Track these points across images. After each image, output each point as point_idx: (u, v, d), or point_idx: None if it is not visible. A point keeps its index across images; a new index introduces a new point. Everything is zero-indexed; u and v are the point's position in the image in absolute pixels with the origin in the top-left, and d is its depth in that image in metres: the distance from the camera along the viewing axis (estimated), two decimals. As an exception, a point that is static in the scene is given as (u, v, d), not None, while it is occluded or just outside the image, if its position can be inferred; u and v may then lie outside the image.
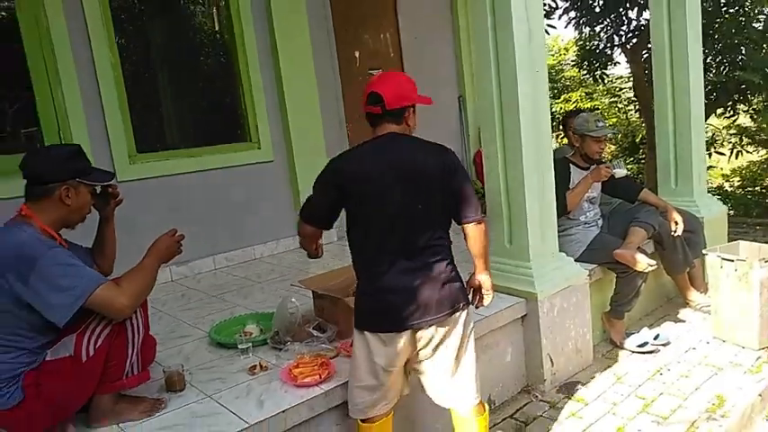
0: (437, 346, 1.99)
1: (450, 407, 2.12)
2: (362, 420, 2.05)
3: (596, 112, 4.31)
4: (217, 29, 4.43)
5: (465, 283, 2.09)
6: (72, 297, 1.77)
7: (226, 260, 4.13)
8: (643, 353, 3.22)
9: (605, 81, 9.17)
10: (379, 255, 1.94)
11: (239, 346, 2.48)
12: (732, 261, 3.15)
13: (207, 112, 4.38)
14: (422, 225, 1.94)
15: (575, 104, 11.86)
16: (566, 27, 7.69)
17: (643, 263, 3.10)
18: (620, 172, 3.36)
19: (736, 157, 7.96)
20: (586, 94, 11.93)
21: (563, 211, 3.28)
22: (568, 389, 2.91)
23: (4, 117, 3.51)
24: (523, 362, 2.97)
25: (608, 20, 7.65)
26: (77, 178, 1.95)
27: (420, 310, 1.91)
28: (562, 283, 2.98)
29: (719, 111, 7.85)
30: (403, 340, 1.94)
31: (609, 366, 3.12)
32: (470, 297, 2.13)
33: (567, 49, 12.35)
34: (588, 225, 3.45)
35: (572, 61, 9.56)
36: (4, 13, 3.65)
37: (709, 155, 8.54)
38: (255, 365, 2.34)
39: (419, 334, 1.95)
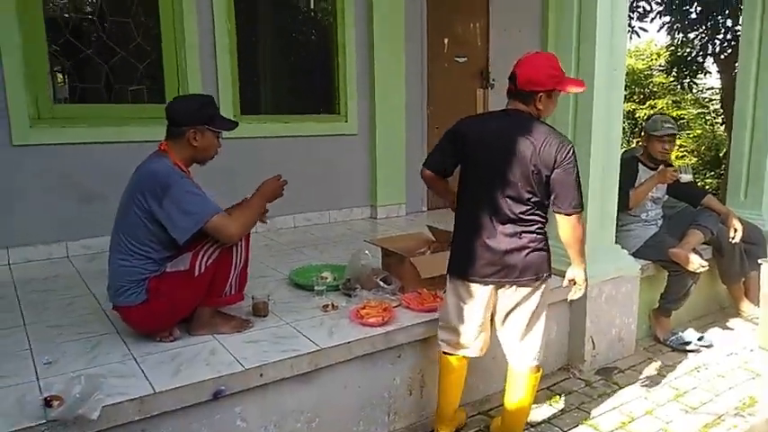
0: (514, 308, 2.26)
1: (511, 363, 2.40)
2: (444, 352, 2.40)
3: (665, 114, 4.39)
4: (320, 8, 4.81)
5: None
6: (194, 220, 2.19)
7: (305, 220, 4.56)
8: (685, 351, 3.37)
9: (693, 90, 9.00)
10: (476, 213, 2.21)
11: (315, 288, 2.85)
12: (786, 273, 3.24)
13: (302, 84, 4.79)
14: (517, 197, 2.15)
15: (659, 111, 11.63)
16: (658, 31, 7.66)
17: (695, 263, 3.24)
18: (686, 177, 3.48)
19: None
20: (673, 101, 11.65)
21: (625, 207, 3.45)
22: (606, 372, 3.13)
23: (135, 71, 4.02)
24: (567, 341, 3.20)
25: (703, 27, 7.52)
26: (205, 124, 2.36)
27: (505, 270, 2.18)
28: (613, 273, 3.18)
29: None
30: (485, 294, 2.24)
31: (649, 358, 3.30)
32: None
33: (659, 55, 12.06)
34: (648, 223, 3.60)
35: (661, 67, 9.36)
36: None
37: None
38: (328, 304, 2.71)
39: (501, 291, 2.24)
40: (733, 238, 3.52)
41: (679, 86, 8.90)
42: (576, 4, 3.08)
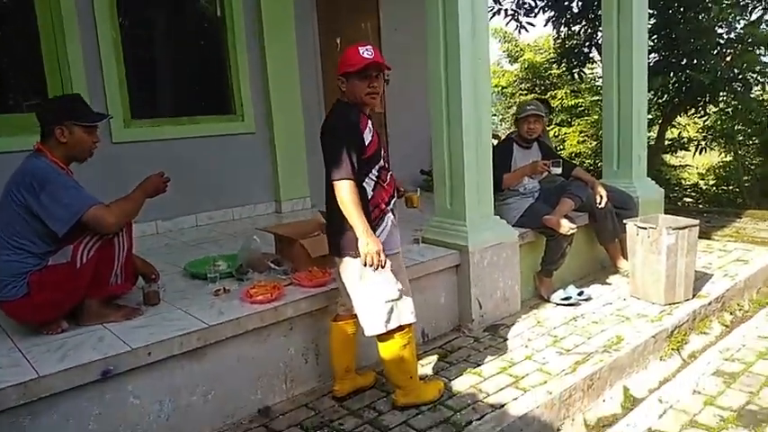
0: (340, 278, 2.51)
1: None
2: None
3: (531, 100, 4.79)
4: (209, 10, 4.88)
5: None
6: (71, 212, 2.25)
7: (207, 218, 4.61)
8: (566, 305, 3.69)
9: (583, 79, 9.62)
10: None
11: (208, 276, 2.95)
12: (645, 228, 3.62)
13: (197, 85, 4.84)
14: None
15: (560, 101, 12.32)
16: (545, 25, 8.10)
17: (566, 227, 3.57)
18: (556, 170, 3.78)
19: (700, 153, 8.40)
20: (571, 91, 12.34)
21: (497, 187, 3.76)
22: (494, 329, 3.39)
23: (16, 79, 3.96)
24: (456, 305, 3.44)
25: (584, 20, 8.08)
26: (70, 120, 2.41)
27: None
28: (492, 240, 3.45)
29: (692, 111, 8.32)
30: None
31: (534, 315, 3.59)
32: None
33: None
34: (525, 196, 3.92)
35: (553, 59, 9.95)
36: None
37: (675, 151, 9.04)
38: (220, 289, 2.81)
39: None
40: (599, 204, 3.88)
41: (569, 76, 9.49)
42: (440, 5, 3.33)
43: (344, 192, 2.30)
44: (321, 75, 5.37)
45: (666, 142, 9.05)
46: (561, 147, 12.08)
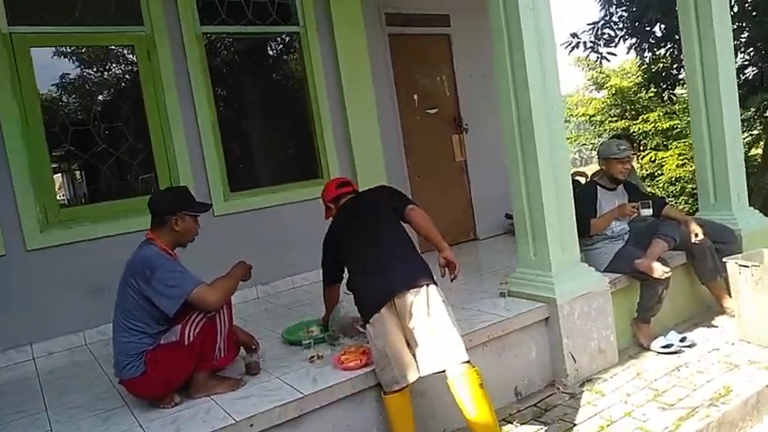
0: None
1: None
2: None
3: (618, 138, 4.64)
4: (293, 83, 5.26)
5: None
6: (178, 293, 2.52)
7: (303, 280, 4.85)
8: (668, 353, 3.51)
9: (674, 102, 9.22)
10: None
11: (303, 342, 3.12)
12: (747, 267, 3.41)
13: (286, 155, 5.20)
14: None
15: (653, 124, 11.83)
16: (627, 53, 7.90)
17: (659, 270, 3.43)
18: (646, 212, 3.69)
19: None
20: (665, 113, 11.85)
21: (585, 233, 3.69)
22: (590, 383, 3.29)
23: (130, 167, 4.46)
24: (549, 360, 3.38)
25: (670, 43, 7.81)
26: (183, 211, 2.72)
27: None
28: (582, 290, 3.38)
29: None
30: None
31: (633, 365, 3.45)
32: None
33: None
34: (614, 239, 3.82)
35: (637, 84, 9.65)
36: (130, 82, 4.64)
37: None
38: (314, 355, 2.96)
39: None
40: (695, 240, 3.70)
41: (660, 99, 9.14)
42: (507, 54, 3.41)
43: (423, 213, 2.82)
44: (401, 131, 5.57)
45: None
46: (660, 171, 11.54)
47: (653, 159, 11.51)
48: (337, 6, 5.06)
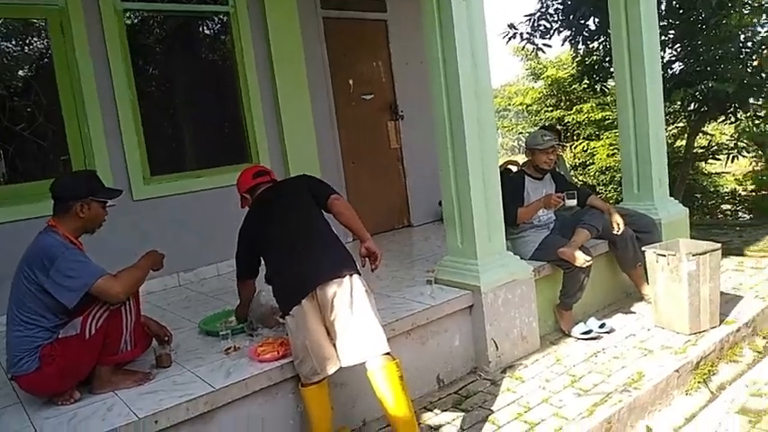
0: None
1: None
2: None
3: (544, 128, 4.68)
4: (221, 65, 5.04)
5: None
6: (80, 284, 2.34)
7: (228, 267, 4.67)
8: (587, 339, 3.59)
9: (608, 93, 9.46)
10: None
11: (220, 333, 2.99)
12: (664, 256, 3.51)
13: (213, 138, 4.98)
14: None
15: (586, 115, 12.14)
16: (562, 45, 8.04)
17: (581, 259, 3.49)
18: (571, 202, 3.74)
19: (732, 162, 8.11)
20: (597, 104, 12.16)
21: (512, 222, 3.73)
22: (512, 369, 3.32)
23: (41, 148, 4.16)
24: (472, 347, 3.39)
25: (604, 36, 7.98)
26: (90, 197, 2.53)
27: None
28: (506, 278, 3.40)
29: (721, 119, 8.09)
30: None
31: (554, 351, 3.51)
32: None
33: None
34: (540, 228, 3.86)
35: (572, 76, 9.84)
36: (44, 59, 4.32)
37: (707, 159, 8.76)
38: (230, 347, 2.85)
39: None
40: (617, 231, 3.78)
41: (592, 91, 9.35)
42: (438, 43, 3.35)
43: (346, 202, 2.82)
44: (335, 116, 5.45)
45: (700, 150, 8.79)
46: (591, 161, 11.87)
47: (585, 149, 11.82)
48: (269, -13, 4.88)
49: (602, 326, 3.65)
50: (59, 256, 2.37)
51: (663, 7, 6.96)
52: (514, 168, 5.16)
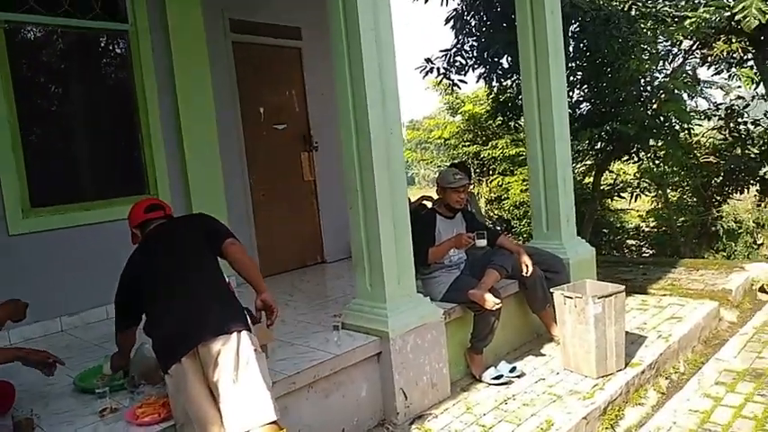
0: None
1: None
2: None
3: (453, 167, 4.66)
4: (119, 87, 4.67)
5: None
6: None
7: (119, 309, 4.27)
8: (498, 384, 3.50)
9: (519, 130, 9.78)
10: None
11: (96, 391, 2.64)
12: (571, 298, 3.51)
13: (106, 167, 4.56)
14: None
15: (501, 151, 12.50)
16: (477, 81, 8.25)
17: (490, 301, 3.42)
18: (481, 242, 3.69)
19: (635, 200, 8.54)
20: (512, 140, 12.55)
21: (423, 262, 3.63)
22: (421, 420, 3.16)
23: None
24: (380, 397, 3.21)
25: (516, 74, 8.23)
26: None
27: None
28: (416, 322, 3.26)
29: (625, 158, 8.53)
30: None
31: (464, 399, 3.39)
32: None
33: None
34: (451, 268, 3.78)
35: (488, 112, 10.11)
36: None
37: (611, 197, 9.19)
38: (106, 408, 2.52)
39: None
40: (526, 273, 3.76)
41: (506, 128, 9.63)
42: (347, 77, 3.24)
43: (243, 248, 2.63)
44: (244, 146, 5.20)
45: (606, 188, 9.20)
46: (506, 195, 12.20)
47: (500, 184, 12.13)
48: (174, 6, 4.60)
49: (512, 370, 3.59)
50: None
51: (571, 48, 7.28)
52: (429, 204, 5.10)
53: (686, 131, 7.98)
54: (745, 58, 7.94)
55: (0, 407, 2.44)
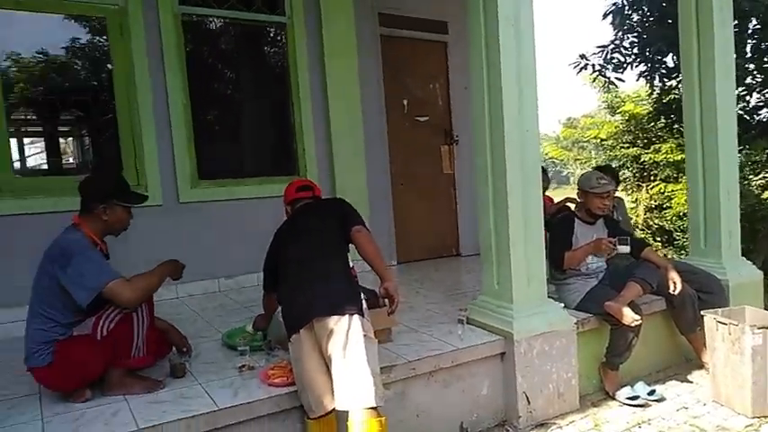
0: None
1: None
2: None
3: (599, 170, 4.33)
4: (276, 75, 5.03)
5: None
6: (92, 284, 2.31)
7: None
8: (633, 405, 3.26)
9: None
10: None
11: (238, 348, 2.91)
12: (725, 324, 3.16)
13: (263, 148, 4.99)
14: None
15: (664, 155, 11.51)
16: (637, 80, 7.64)
17: (628, 317, 3.19)
18: (623, 249, 3.40)
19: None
20: (677, 145, 11.53)
21: (558, 266, 3.48)
22: (544, 428, 3.05)
23: (94, 144, 4.27)
24: (502, 397, 3.15)
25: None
26: (114, 200, 2.52)
27: None
28: (543, 327, 3.14)
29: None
30: None
31: (594, 414, 3.21)
32: None
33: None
34: (589, 277, 3.57)
35: (648, 113, 9.37)
36: (102, 57, 4.43)
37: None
38: (245, 365, 2.75)
39: None
40: (674, 291, 3.45)
41: (669, 131, 8.87)
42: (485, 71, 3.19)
43: (370, 236, 2.65)
44: (387, 136, 5.34)
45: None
46: (668, 204, 11.21)
47: (662, 191, 11.20)
48: (328, 0, 4.85)
49: (651, 392, 3.32)
50: (77, 254, 2.35)
51: (749, 48, 6.50)
52: (573, 206, 4.87)
53: None
54: None
55: (160, 353, 2.76)
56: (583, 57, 7.39)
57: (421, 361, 2.86)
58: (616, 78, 7.45)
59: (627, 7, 7.10)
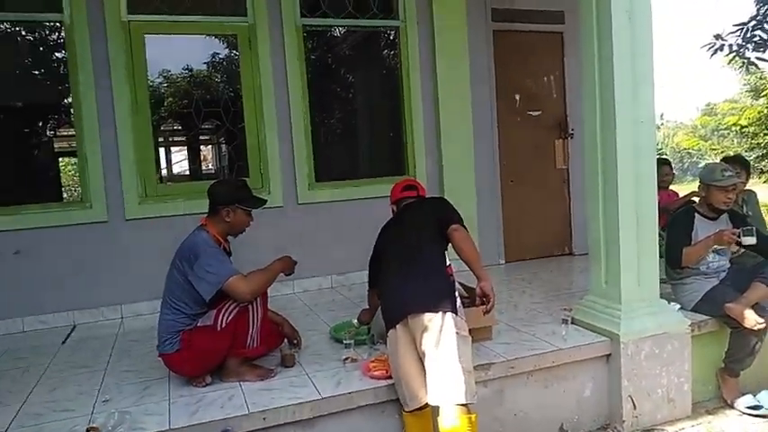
0: None
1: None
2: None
3: (724, 161, 3.96)
4: (389, 80, 5.21)
5: None
6: (214, 280, 2.62)
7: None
8: (753, 415, 3.04)
9: None
10: None
11: (344, 342, 3.11)
12: None
13: (374, 149, 5.21)
14: None
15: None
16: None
17: (751, 319, 2.96)
18: (749, 240, 3.14)
19: None
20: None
21: (676, 263, 3.30)
22: (650, 434, 2.95)
23: (224, 152, 4.73)
24: (605, 400, 3.07)
25: None
26: (237, 204, 2.82)
27: None
28: (653, 329, 3.02)
29: None
30: None
31: (707, 422, 3.03)
32: None
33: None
34: (708, 276, 3.35)
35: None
36: (230, 71, 4.89)
37: None
38: (348, 357, 2.94)
39: None
40: (808, 295, 3.13)
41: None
42: (595, 49, 3.12)
43: (467, 235, 2.70)
44: (497, 131, 5.31)
45: None
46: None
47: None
48: (441, 1, 4.93)
49: (776, 403, 3.07)
50: (203, 253, 2.67)
51: None
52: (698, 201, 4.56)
53: None
54: None
55: (273, 343, 3.04)
56: (718, 37, 6.78)
57: (520, 360, 2.88)
58: (757, 58, 6.75)
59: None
